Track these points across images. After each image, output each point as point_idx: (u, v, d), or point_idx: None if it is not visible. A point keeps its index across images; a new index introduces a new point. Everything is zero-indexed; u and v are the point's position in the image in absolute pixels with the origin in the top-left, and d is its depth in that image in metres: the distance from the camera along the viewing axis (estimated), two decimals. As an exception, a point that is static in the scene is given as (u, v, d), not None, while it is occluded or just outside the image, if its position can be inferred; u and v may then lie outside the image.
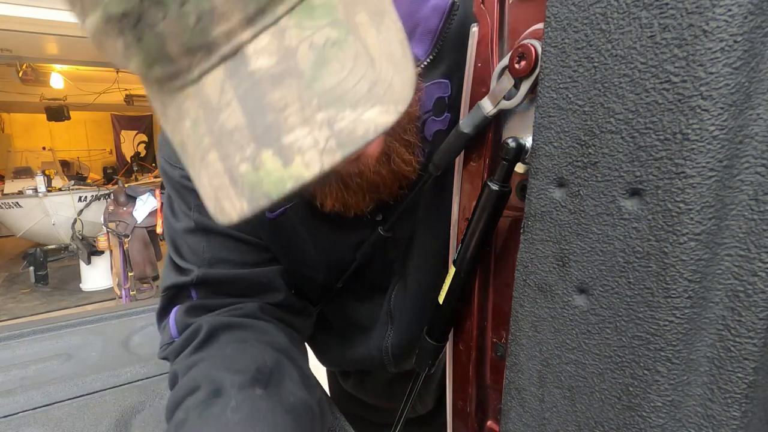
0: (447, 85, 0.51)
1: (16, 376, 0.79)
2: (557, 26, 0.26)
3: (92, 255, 5.09)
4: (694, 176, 0.22)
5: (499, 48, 0.40)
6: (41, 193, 6.27)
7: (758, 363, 0.22)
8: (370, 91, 0.32)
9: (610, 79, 0.24)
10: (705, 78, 0.21)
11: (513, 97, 0.36)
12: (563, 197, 0.27)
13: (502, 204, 0.38)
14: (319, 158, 0.31)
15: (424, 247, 0.58)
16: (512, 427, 0.34)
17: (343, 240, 0.60)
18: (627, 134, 0.24)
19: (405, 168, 0.49)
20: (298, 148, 0.32)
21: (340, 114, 0.32)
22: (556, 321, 0.29)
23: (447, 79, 0.51)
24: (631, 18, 0.23)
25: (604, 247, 0.26)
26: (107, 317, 1.07)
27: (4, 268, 6.81)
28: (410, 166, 0.50)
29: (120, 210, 4.10)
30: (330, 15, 0.33)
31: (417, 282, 0.60)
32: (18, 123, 11.10)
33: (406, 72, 0.34)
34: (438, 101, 0.51)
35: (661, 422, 0.25)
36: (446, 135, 0.51)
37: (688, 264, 0.22)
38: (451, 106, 0.51)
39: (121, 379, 0.76)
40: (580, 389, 0.28)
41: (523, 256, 0.31)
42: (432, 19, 0.49)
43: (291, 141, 0.32)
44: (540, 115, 0.28)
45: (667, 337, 0.23)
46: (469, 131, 0.40)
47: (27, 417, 0.65)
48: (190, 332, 0.57)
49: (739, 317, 0.22)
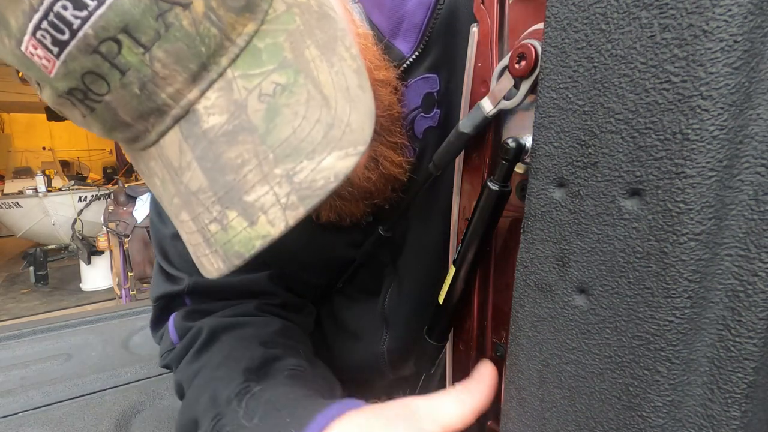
0: (435, 80, 0.49)
1: (16, 376, 0.79)
2: (557, 26, 0.26)
3: (92, 255, 5.09)
4: (694, 176, 0.22)
5: (499, 48, 0.40)
6: (41, 193, 6.28)
7: (758, 363, 0.22)
8: (326, 136, 0.31)
9: (610, 79, 0.24)
10: (705, 78, 0.21)
11: (513, 97, 0.36)
12: (563, 197, 0.27)
13: (502, 204, 0.38)
14: (282, 215, 0.31)
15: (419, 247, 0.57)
16: (512, 427, 0.34)
17: (337, 240, 0.59)
18: (627, 134, 0.24)
19: (395, 170, 0.48)
20: (261, 207, 0.31)
21: (297, 166, 0.31)
22: (556, 321, 0.29)
23: (435, 73, 0.49)
24: (631, 18, 0.23)
25: (604, 247, 0.26)
26: (107, 317, 1.07)
27: (4, 268, 6.81)
28: (400, 167, 0.49)
29: (120, 210, 4.10)
30: (276, 57, 0.32)
31: (412, 283, 0.59)
32: (18, 123, 11.10)
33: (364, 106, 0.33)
34: (426, 97, 0.50)
35: (661, 422, 0.25)
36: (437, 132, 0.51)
37: (688, 264, 0.22)
38: (440, 101, 0.50)
39: (121, 379, 0.77)
40: (580, 389, 0.28)
41: (523, 256, 0.31)
42: (417, 14, 0.48)
43: (253, 200, 0.31)
44: (540, 115, 0.28)
45: (667, 337, 0.23)
46: (469, 131, 0.40)
47: (27, 417, 0.65)
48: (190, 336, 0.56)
49: (739, 317, 0.22)
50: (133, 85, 0.30)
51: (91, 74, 0.29)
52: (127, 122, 0.32)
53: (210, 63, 0.31)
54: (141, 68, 0.29)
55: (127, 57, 0.29)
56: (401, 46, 0.49)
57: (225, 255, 0.33)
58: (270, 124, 0.31)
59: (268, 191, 0.31)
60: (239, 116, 0.31)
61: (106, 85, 0.30)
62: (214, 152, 0.32)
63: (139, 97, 0.31)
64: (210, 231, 0.33)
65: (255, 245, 0.32)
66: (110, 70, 0.29)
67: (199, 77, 0.31)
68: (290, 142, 0.31)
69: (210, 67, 0.31)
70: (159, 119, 0.32)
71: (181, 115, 0.32)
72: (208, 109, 0.32)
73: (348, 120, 0.32)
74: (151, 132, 0.33)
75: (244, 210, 0.31)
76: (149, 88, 0.30)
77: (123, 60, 0.29)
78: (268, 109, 0.31)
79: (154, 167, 0.35)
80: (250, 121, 0.31)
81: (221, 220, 0.32)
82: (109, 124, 0.33)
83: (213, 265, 0.33)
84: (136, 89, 0.30)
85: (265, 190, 0.31)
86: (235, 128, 0.31)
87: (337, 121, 0.31)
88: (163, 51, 0.29)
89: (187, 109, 0.32)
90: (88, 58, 0.28)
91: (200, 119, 0.32)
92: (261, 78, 0.32)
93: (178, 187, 0.34)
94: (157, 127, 0.33)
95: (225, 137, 0.32)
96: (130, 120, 0.32)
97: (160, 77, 0.30)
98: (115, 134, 0.34)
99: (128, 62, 0.29)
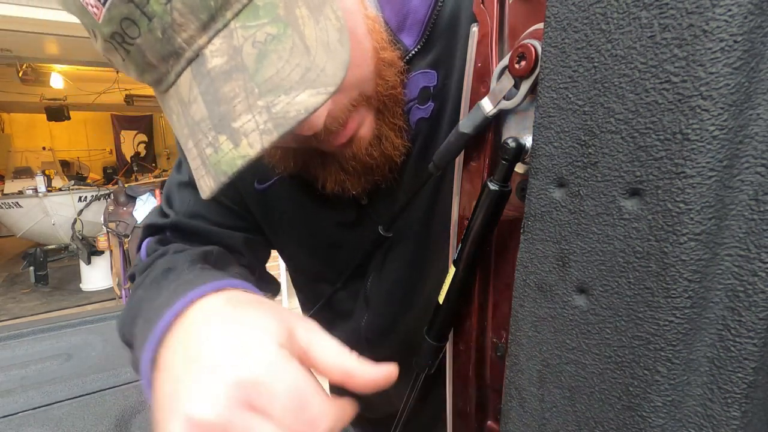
0: (433, 76, 0.53)
1: (16, 376, 0.79)
2: (557, 26, 0.26)
3: (92, 255, 5.09)
4: (694, 176, 0.22)
5: (499, 48, 0.40)
6: (41, 193, 6.28)
7: (758, 363, 0.22)
8: (302, 78, 0.37)
9: (610, 79, 0.24)
10: (705, 78, 0.21)
11: (513, 97, 0.36)
12: (563, 197, 0.27)
13: (502, 204, 0.38)
14: (260, 138, 0.36)
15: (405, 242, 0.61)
16: (512, 427, 0.34)
17: (328, 219, 0.63)
18: (627, 134, 0.24)
19: (393, 152, 0.53)
20: (244, 132, 0.37)
21: (276, 99, 0.37)
22: (556, 321, 0.29)
23: (434, 69, 0.53)
24: (631, 18, 0.23)
25: (604, 247, 0.26)
26: (107, 317, 1.07)
27: (4, 268, 6.81)
28: (398, 150, 0.54)
29: (120, 210, 4.10)
30: (271, 13, 0.38)
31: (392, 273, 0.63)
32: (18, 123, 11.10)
33: (339, 57, 0.38)
34: (423, 90, 0.54)
35: (661, 422, 0.25)
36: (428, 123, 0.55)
37: (688, 264, 0.22)
38: (435, 96, 0.54)
39: (121, 379, 0.77)
40: (580, 389, 0.28)
41: (523, 256, 0.31)
42: (420, 10, 0.52)
43: (239, 126, 0.37)
44: (540, 115, 0.28)
45: (667, 337, 0.23)
46: (469, 131, 0.40)
47: (27, 417, 0.65)
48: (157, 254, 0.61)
49: (739, 317, 0.22)
50: (157, 30, 0.36)
51: (127, 20, 0.36)
52: (153, 64, 0.39)
53: (217, 15, 0.37)
54: (163, 16, 0.36)
55: (153, 6, 0.35)
56: (406, 40, 0.53)
57: (215, 174, 0.38)
58: (258, 65, 0.37)
59: (250, 119, 0.37)
60: (235, 58, 0.37)
61: (137, 29, 0.36)
62: (214, 87, 0.38)
63: (161, 40, 0.37)
64: (206, 154, 0.38)
65: (237, 164, 0.37)
66: (140, 17, 0.36)
67: (207, 26, 0.37)
68: (273, 80, 0.37)
69: (217, 18, 0.37)
70: (176, 61, 0.39)
71: (192, 58, 0.38)
72: (213, 52, 0.38)
73: (324, 66, 0.37)
74: (170, 73, 0.39)
75: (231, 134, 0.37)
76: (168, 33, 0.37)
77: (150, 9, 0.35)
78: (258, 53, 0.37)
79: (173, 105, 0.41)
80: (243, 63, 0.37)
81: (214, 143, 0.38)
82: (140, 66, 0.39)
83: (207, 184, 0.39)
84: (159, 34, 0.36)
85: (249, 118, 0.37)
86: (231, 68, 0.37)
87: (314, 66, 0.37)
88: (180, 2, 0.35)
89: (197, 52, 0.38)
90: (125, 6, 0.35)
91: (206, 60, 0.38)
92: (256, 29, 0.38)
93: (187, 119, 0.40)
94: (175, 68, 0.39)
95: (223, 75, 0.38)
96: (156, 62, 0.39)
97: (177, 24, 0.36)
98: (145, 76, 0.41)
99: (154, 10, 0.35)
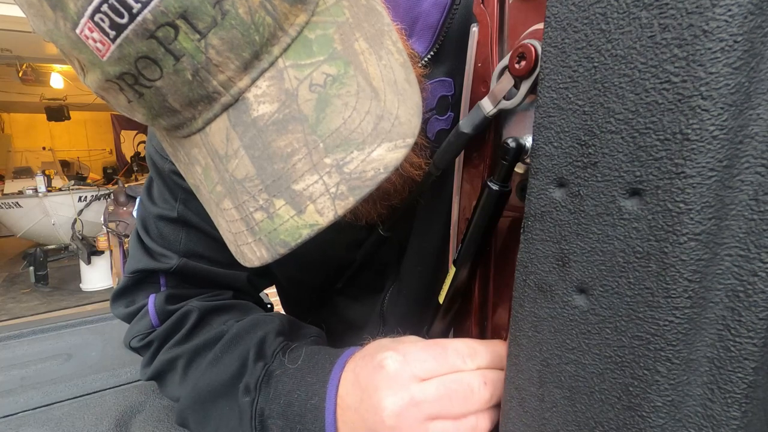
0: (450, 84, 0.50)
1: (16, 376, 0.79)
2: (557, 26, 0.26)
3: (92, 255, 5.08)
4: (694, 176, 0.22)
5: (499, 48, 0.40)
6: (41, 193, 6.27)
7: (758, 363, 0.22)
8: (376, 128, 0.32)
9: (610, 79, 0.24)
10: (705, 78, 0.21)
11: (513, 97, 0.36)
12: (563, 197, 0.27)
13: (502, 204, 0.38)
14: (332, 204, 0.31)
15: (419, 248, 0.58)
16: (512, 427, 0.34)
17: (338, 239, 0.59)
18: (627, 134, 0.24)
19: (414, 171, 0.48)
20: (309, 196, 0.31)
21: (348, 156, 0.31)
22: (556, 321, 0.29)
23: (450, 77, 0.50)
24: (631, 18, 0.23)
25: (604, 247, 0.26)
26: (107, 317, 1.07)
27: (4, 268, 6.80)
28: (419, 168, 0.49)
29: (120, 210, 4.10)
30: (327, 48, 0.32)
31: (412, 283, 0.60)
32: (18, 123, 11.09)
33: (411, 99, 0.33)
34: (441, 99, 0.50)
35: (661, 422, 0.25)
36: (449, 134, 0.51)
37: (688, 264, 0.22)
38: (454, 105, 0.50)
39: (121, 379, 0.76)
40: (580, 389, 0.28)
41: (523, 256, 0.31)
42: (432, 14, 0.48)
43: (301, 188, 0.31)
44: (540, 115, 0.28)
45: (667, 337, 0.23)
46: (469, 131, 0.40)
47: (27, 417, 0.65)
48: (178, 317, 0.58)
49: (739, 317, 0.22)
50: (186, 71, 0.30)
51: (145, 59, 0.29)
52: (175, 109, 0.33)
53: (262, 52, 0.31)
54: (196, 54, 0.29)
55: (183, 43, 0.29)
56: (416, 46, 0.49)
57: (270, 243, 0.32)
58: (320, 114, 0.31)
59: (317, 180, 0.31)
60: (290, 105, 0.32)
61: (159, 70, 0.30)
62: (263, 141, 0.32)
63: (191, 83, 0.31)
64: (255, 219, 0.33)
65: (302, 234, 0.32)
66: (165, 56, 0.29)
67: (250, 66, 0.31)
68: (340, 133, 0.31)
69: (262, 56, 0.31)
70: (208, 106, 0.32)
71: (230, 103, 0.32)
72: (258, 97, 0.32)
73: (397, 113, 0.32)
74: (197, 119, 0.33)
75: (292, 198, 0.32)
76: (202, 75, 0.30)
77: (179, 46, 0.29)
78: (318, 99, 0.32)
79: (197, 155, 0.35)
80: (301, 111, 0.32)
81: (267, 208, 0.32)
82: (155, 110, 0.33)
83: (255, 254, 0.33)
84: (189, 75, 0.30)
85: (315, 179, 0.31)
86: (286, 117, 0.32)
87: (386, 114, 0.32)
88: (218, 38, 0.29)
89: (237, 97, 0.32)
90: (144, 43, 0.29)
91: (250, 107, 0.32)
92: (312, 68, 0.32)
93: (223, 175, 0.34)
94: (205, 114, 0.33)
95: (275, 126, 0.32)
96: (178, 107, 0.32)
97: (213, 64, 0.30)
98: (159, 120, 0.34)
99: (183, 48, 0.29)
